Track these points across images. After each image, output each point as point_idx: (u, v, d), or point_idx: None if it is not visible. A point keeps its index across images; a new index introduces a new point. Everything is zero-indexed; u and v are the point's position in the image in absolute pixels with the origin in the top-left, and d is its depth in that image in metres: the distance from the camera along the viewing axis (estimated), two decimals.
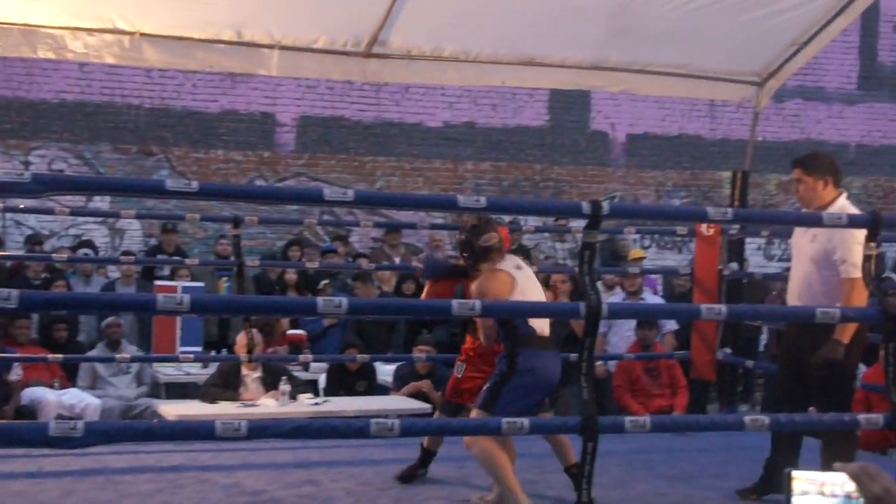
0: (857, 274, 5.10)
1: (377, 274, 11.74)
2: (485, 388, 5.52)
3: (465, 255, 5.71)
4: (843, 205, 5.55)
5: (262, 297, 10.37)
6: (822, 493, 3.80)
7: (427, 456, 6.48)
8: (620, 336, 10.09)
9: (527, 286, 5.64)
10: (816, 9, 8.25)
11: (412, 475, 6.46)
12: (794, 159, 5.82)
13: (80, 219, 12.82)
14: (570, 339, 8.88)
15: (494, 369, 5.63)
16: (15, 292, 3.49)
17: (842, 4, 8.17)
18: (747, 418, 4.37)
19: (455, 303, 4.11)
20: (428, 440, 6.39)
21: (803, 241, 5.70)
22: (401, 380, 9.53)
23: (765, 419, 4.31)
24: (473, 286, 5.57)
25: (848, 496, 3.94)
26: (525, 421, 4.15)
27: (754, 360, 10.06)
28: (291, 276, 11.76)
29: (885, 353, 4.40)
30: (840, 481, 3.83)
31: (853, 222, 4.84)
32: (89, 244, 12.30)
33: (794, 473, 3.87)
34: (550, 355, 5.66)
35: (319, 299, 3.96)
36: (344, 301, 3.96)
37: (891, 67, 16.06)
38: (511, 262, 5.72)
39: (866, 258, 4.67)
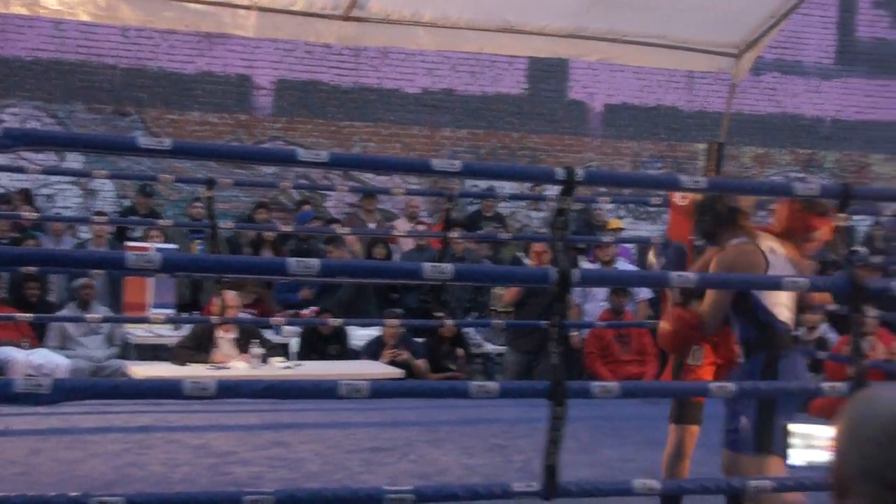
0: None
1: (349, 239, 11.68)
2: (745, 425, 4.42)
3: (704, 219, 4.70)
4: None
5: (232, 256, 10.30)
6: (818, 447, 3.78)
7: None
8: (595, 305, 10.13)
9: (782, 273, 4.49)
10: None
11: None
12: None
13: (53, 178, 12.71)
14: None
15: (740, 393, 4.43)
16: None
17: None
18: (713, 385, 4.38)
19: (427, 265, 4.09)
20: None
21: None
22: (373, 354, 9.51)
23: (731, 386, 4.32)
24: (714, 261, 4.60)
25: None
26: (495, 385, 4.14)
27: None
28: (269, 234, 11.70)
29: (851, 323, 4.40)
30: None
31: (825, 193, 4.84)
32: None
33: (791, 427, 3.93)
34: (802, 360, 4.68)
35: (291, 260, 3.93)
36: (315, 262, 3.93)
37: (868, 43, 16.09)
38: (765, 243, 4.65)
39: (836, 229, 4.66)
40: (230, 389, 3.86)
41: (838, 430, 1.85)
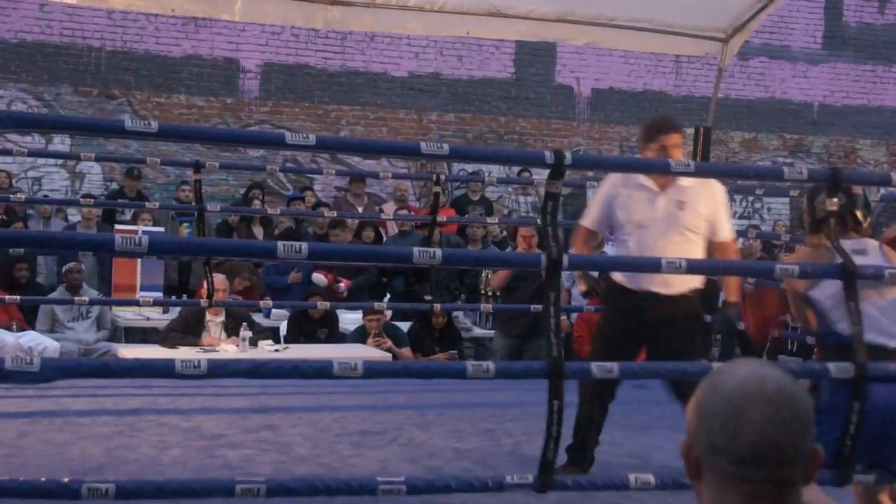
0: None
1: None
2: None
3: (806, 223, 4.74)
4: None
5: (221, 239, 10.30)
6: None
7: None
8: None
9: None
10: None
11: None
12: (671, 124, 5.81)
13: (40, 161, 12.66)
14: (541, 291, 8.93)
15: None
16: None
17: None
18: (714, 365, 4.39)
19: (416, 250, 4.10)
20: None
21: (671, 210, 5.59)
22: (358, 342, 9.50)
23: None
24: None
25: None
26: (491, 365, 4.15)
27: (713, 315, 10.13)
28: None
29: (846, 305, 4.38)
30: None
31: (813, 177, 4.86)
32: None
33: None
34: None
35: (280, 244, 3.93)
36: (304, 246, 3.94)
37: (855, 27, 16.12)
38: (853, 245, 4.51)
39: (829, 213, 4.63)
40: (222, 369, 3.86)
41: (688, 411, 1.79)
